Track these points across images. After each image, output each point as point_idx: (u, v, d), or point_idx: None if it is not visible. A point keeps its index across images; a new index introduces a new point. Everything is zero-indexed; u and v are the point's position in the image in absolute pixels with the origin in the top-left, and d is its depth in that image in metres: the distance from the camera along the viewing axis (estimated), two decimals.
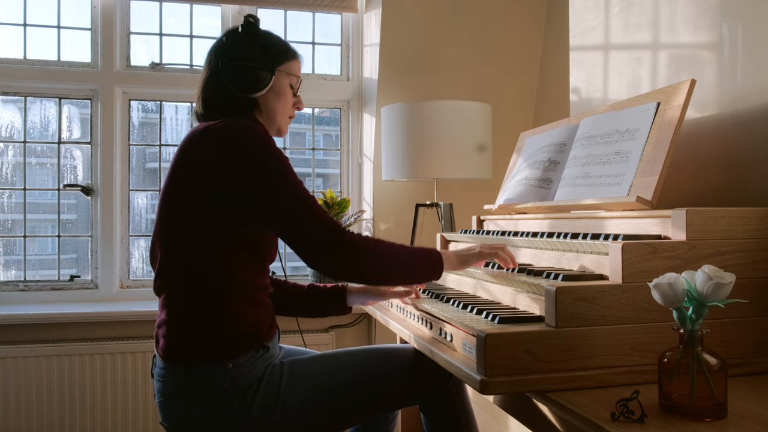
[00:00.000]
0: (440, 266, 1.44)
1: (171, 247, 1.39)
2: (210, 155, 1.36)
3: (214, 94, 1.47)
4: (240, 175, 1.33)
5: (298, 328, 2.14)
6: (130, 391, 2.50)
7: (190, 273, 1.36)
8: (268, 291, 1.46)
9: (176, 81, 2.80)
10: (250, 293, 1.39)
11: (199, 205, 1.36)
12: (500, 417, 1.90)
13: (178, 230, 1.38)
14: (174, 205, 1.39)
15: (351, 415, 1.47)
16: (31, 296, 2.67)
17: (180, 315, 1.36)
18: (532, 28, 2.99)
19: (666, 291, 0.98)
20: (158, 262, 1.41)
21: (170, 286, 1.39)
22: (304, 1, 2.85)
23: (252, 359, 1.36)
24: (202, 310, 1.35)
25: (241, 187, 1.33)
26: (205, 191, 1.35)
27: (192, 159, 1.39)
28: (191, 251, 1.36)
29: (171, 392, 1.35)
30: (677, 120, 1.34)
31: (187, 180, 1.38)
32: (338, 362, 1.47)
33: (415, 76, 2.86)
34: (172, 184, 1.40)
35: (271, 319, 1.44)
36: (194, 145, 1.40)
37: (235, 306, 1.36)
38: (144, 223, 2.85)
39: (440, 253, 1.45)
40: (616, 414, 0.95)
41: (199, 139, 1.40)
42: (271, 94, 1.49)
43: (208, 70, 1.48)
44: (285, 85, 1.52)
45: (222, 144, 1.35)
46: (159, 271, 1.41)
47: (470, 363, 1.17)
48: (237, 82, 1.44)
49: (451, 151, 2.39)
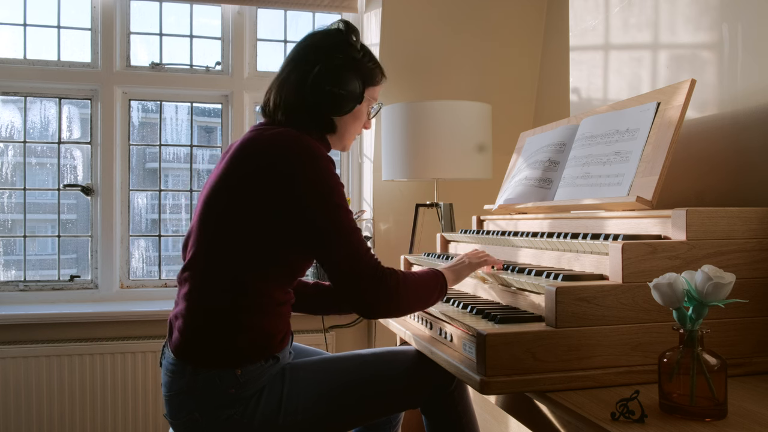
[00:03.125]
0: (446, 290, 1.46)
1: (206, 248, 1.35)
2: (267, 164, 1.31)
3: (295, 102, 1.42)
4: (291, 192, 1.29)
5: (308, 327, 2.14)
6: (130, 391, 2.50)
7: (221, 280, 1.33)
8: (290, 303, 1.44)
9: (176, 81, 2.80)
10: (273, 307, 1.36)
11: (245, 214, 1.32)
12: (500, 417, 1.90)
13: (218, 233, 1.35)
14: (221, 207, 1.35)
15: (353, 419, 1.47)
16: (31, 296, 2.67)
17: (198, 315, 1.34)
18: (532, 28, 2.99)
19: (666, 291, 0.98)
20: (189, 255, 1.38)
21: (197, 284, 1.35)
22: (304, 1, 2.85)
23: (261, 368, 1.35)
24: (223, 319, 1.32)
25: (291, 204, 1.30)
26: (253, 200, 1.32)
27: (248, 163, 1.34)
28: (226, 259, 1.33)
29: (177, 390, 1.35)
30: (677, 120, 1.34)
31: (238, 184, 1.34)
32: (340, 366, 1.47)
33: (415, 76, 2.86)
34: (224, 182, 1.36)
35: (286, 330, 1.42)
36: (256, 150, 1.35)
37: (256, 318, 1.33)
38: (144, 223, 2.85)
39: (444, 276, 1.45)
40: (616, 414, 0.95)
41: (262, 146, 1.35)
42: (349, 116, 1.47)
43: (297, 74, 1.42)
44: (364, 110, 1.51)
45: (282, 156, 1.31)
46: (189, 264, 1.38)
47: (470, 363, 1.17)
48: (324, 105, 1.41)
49: (451, 151, 2.39)
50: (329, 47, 1.43)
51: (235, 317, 1.32)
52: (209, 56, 2.89)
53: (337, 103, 1.41)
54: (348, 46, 1.43)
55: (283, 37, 2.98)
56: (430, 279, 1.43)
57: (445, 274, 1.46)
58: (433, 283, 1.43)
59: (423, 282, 1.40)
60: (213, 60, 2.88)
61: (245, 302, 1.33)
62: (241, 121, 2.86)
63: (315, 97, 1.40)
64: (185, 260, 1.41)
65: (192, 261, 1.38)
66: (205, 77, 2.84)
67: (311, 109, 1.42)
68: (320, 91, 1.40)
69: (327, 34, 1.47)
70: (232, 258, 1.33)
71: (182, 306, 1.37)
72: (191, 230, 1.42)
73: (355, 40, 1.45)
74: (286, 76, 1.44)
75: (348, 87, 1.41)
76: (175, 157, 2.90)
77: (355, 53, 1.44)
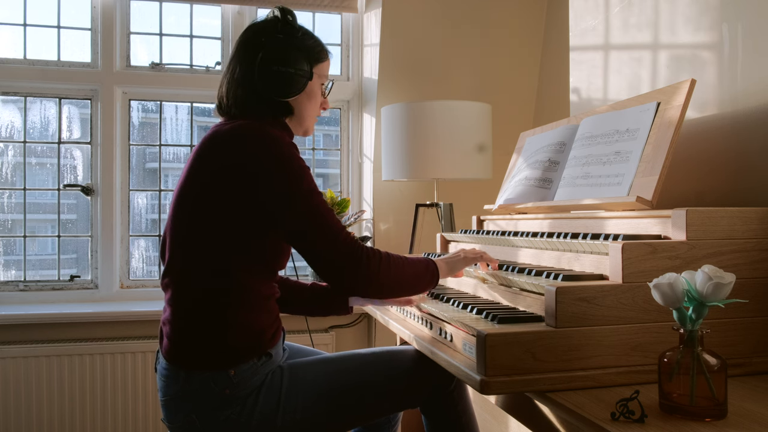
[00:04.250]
0: (437, 278, 1.48)
1: (182, 248, 1.36)
2: (231, 160, 1.32)
3: (246, 93, 1.42)
4: (259, 183, 1.30)
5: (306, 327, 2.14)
6: (130, 391, 2.50)
7: (199, 277, 1.34)
8: (275, 297, 1.44)
9: (176, 81, 2.80)
10: (257, 301, 1.37)
11: (215, 210, 1.33)
12: (500, 417, 1.90)
13: (190, 232, 1.36)
14: (190, 206, 1.36)
15: (352, 418, 1.47)
16: (31, 296, 2.67)
17: (185, 318, 1.35)
18: (532, 28, 2.99)
19: (666, 291, 0.98)
20: (167, 259, 1.39)
21: (177, 286, 1.36)
22: (304, 1, 2.85)
23: (254, 366, 1.35)
24: (207, 317, 1.33)
25: (259, 195, 1.30)
26: (222, 196, 1.32)
27: (212, 160, 1.35)
28: (202, 256, 1.34)
29: (172, 394, 1.35)
30: (677, 120, 1.34)
31: (205, 182, 1.35)
32: (339, 365, 1.47)
33: (415, 76, 2.86)
34: (191, 182, 1.37)
35: (276, 326, 1.42)
36: (217, 146, 1.36)
37: (242, 315, 1.34)
38: (144, 223, 2.85)
39: (436, 264, 1.47)
40: (616, 414, 0.95)
41: (222, 141, 1.36)
42: (302, 96, 1.47)
43: (243, 65, 1.42)
44: (317, 87, 1.50)
45: (245, 149, 1.32)
46: (168, 268, 1.39)
47: (470, 363, 1.17)
48: (274, 88, 1.41)
49: (451, 151, 2.39)
50: (268, 32, 1.44)
51: (221, 315, 1.32)
52: (209, 56, 2.89)
53: (288, 82, 1.41)
54: (286, 26, 1.44)
55: None
56: (419, 265, 1.43)
57: (438, 264, 1.48)
58: (422, 270, 1.43)
59: (410, 266, 1.41)
60: (213, 60, 2.88)
61: (228, 298, 1.33)
62: None
63: (264, 81, 1.40)
64: (165, 265, 1.41)
65: (170, 265, 1.38)
66: (205, 77, 2.84)
67: (263, 95, 1.42)
68: (268, 74, 1.40)
69: (263, 21, 1.48)
70: (208, 256, 1.34)
71: (168, 311, 1.38)
72: (165, 235, 1.42)
73: (292, 20, 1.46)
74: (233, 69, 1.45)
75: (295, 65, 1.41)
76: (175, 157, 2.90)
77: (295, 32, 1.45)
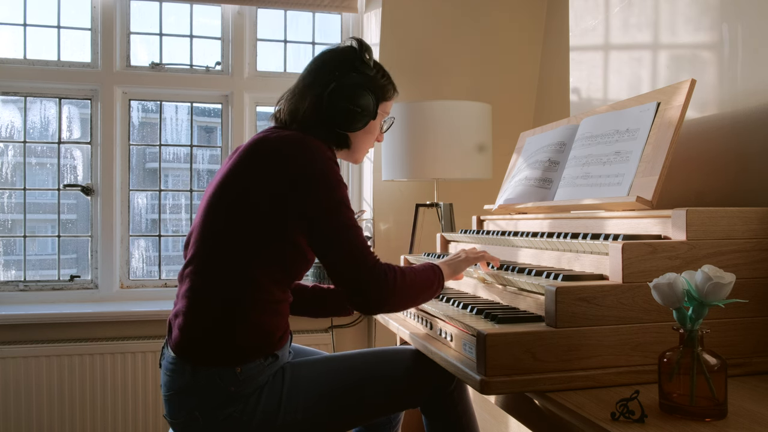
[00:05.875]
0: (444, 282, 1.49)
1: (207, 244, 1.37)
2: (274, 168, 1.34)
3: (308, 114, 1.45)
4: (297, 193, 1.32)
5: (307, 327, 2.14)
6: (130, 391, 2.50)
7: (219, 274, 1.35)
8: (288, 302, 1.45)
9: (176, 81, 2.80)
10: (271, 304, 1.37)
11: (250, 213, 1.34)
12: (500, 417, 1.90)
13: (220, 230, 1.37)
14: (225, 205, 1.37)
15: (353, 418, 1.47)
16: (31, 296, 2.67)
17: (199, 314, 1.35)
18: (532, 28, 2.99)
19: (666, 291, 0.98)
20: (191, 252, 1.40)
21: (196, 279, 1.37)
22: (304, 1, 2.85)
23: (261, 366, 1.36)
24: (221, 316, 1.33)
25: (297, 205, 1.32)
26: (259, 201, 1.34)
27: (256, 166, 1.37)
28: (226, 255, 1.35)
29: (176, 389, 1.35)
30: (677, 120, 1.34)
31: (246, 185, 1.36)
32: (340, 365, 1.47)
33: (415, 76, 2.86)
34: (231, 182, 1.38)
35: (285, 327, 1.43)
36: (263, 153, 1.38)
37: (255, 316, 1.34)
38: (144, 223, 2.85)
39: (441, 270, 1.48)
40: (616, 414, 0.95)
41: (268, 149, 1.38)
42: (362, 131, 1.51)
43: (312, 89, 1.46)
44: (377, 124, 1.54)
45: (287, 159, 1.34)
46: (190, 260, 1.40)
47: (470, 363, 1.17)
48: (338, 120, 1.44)
49: (451, 151, 2.39)
50: (343, 65, 1.47)
51: (236, 313, 1.33)
52: (209, 56, 2.89)
53: (352, 119, 1.45)
54: (362, 64, 1.48)
55: (283, 37, 2.98)
56: (428, 273, 1.45)
57: (442, 268, 1.49)
58: (432, 278, 1.45)
59: (421, 277, 1.43)
60: (213, 60, 2.88)
61: (246, 298, 1.34)
62: (241, 121, 2.86)
63: (330, 112, 1.44)
64: (187, 258, 1.42)
65: (194, 257, 1.39)
66: (205, 77, 2.84)
67: (326, 123, 1.45)
68: (335, 107, 1.43)
69: (341, 52, 1.50)
70: (236, 254, 1.35)
71: (182, 303, 1.38)
72: (193, 229, 1.44)
73: (368, 58, 1.49)
74: (301, 90, 1.48)
75: (362, 103, 1.45)
76: (175, 157, 2.90)
77: (369, 70, 1.48)
